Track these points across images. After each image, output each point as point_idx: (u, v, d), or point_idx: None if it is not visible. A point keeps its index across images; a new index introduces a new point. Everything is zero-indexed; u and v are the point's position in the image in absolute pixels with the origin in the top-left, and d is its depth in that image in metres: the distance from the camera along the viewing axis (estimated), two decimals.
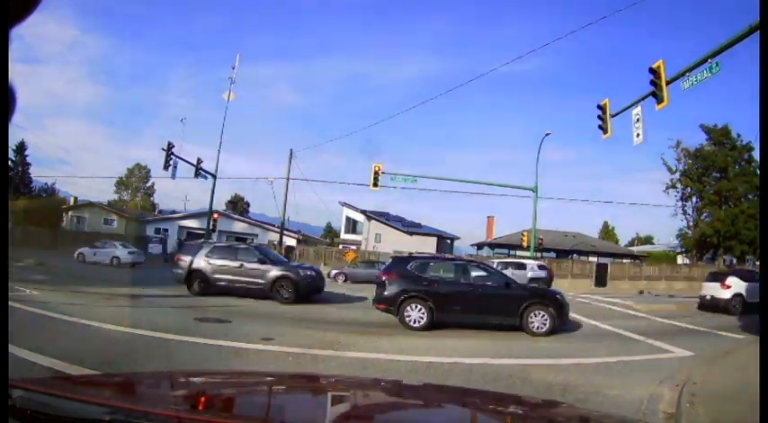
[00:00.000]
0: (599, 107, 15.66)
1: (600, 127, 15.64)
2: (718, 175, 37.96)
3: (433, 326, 9.27)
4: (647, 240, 62.91)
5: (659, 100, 13.09)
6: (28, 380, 1.57)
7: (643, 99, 13.99)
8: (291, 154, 31.48)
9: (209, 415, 1.46)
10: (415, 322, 9.14)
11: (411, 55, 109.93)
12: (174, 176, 28.26)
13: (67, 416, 1.25)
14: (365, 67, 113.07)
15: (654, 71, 13.21)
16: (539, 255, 31.87)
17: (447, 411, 2.09)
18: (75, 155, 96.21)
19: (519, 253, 36.14)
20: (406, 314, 9.18)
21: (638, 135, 14.19)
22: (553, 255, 37.42)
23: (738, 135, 37.42)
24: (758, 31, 10.31)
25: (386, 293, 9.45)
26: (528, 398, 3.43)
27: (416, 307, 9.20)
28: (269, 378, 2.59)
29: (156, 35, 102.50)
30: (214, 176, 30.95)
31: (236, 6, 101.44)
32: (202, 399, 1.74)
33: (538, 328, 9.12)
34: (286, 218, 34.56)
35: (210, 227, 31.77)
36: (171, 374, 2.59)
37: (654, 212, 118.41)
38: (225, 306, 11.45)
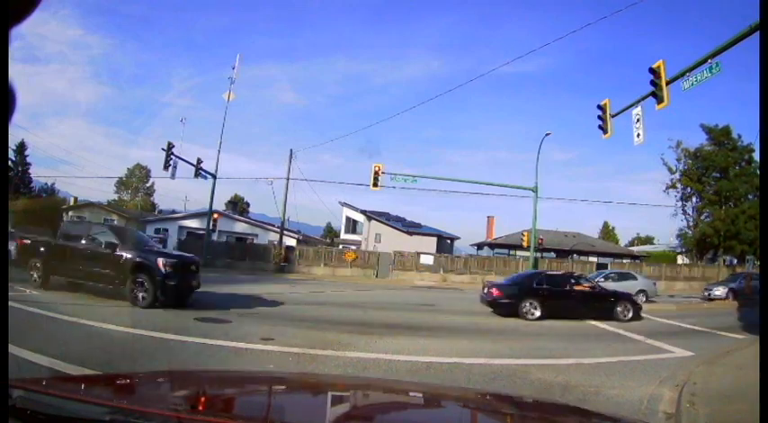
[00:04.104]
0: (599, 107, 15.63)
1: (600, 127, 15.60)
2: (719, 175, 37.90)
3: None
4: (648, 240, 62.83)
5: (659, 100, 13.07)
6: (28, 380, 1.56)
7: (643, 99, 13.96)
8: (291, 154, 31.51)
9: (209, 415, 1.46)
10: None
11: (415, 56, 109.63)
12: (173, 176, 28.31)
13: (67, 416, 1.24)
14: (368, 68, 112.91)
15: (654, 71, 13.19)
16: (539, 255, 31.84)
17: (447, 411, 2.09)
18: (75, 155, 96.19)
19: (519, 253, 36.09)
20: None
21: (638, 135, 14.17)
22: (553, 255, 37.35)
23: (739, 135, 37.39)
24: (758, 31, 10.34)
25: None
26: (527, 398, 3.44)
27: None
28: (269, 378, 2.59)
29: (158, 35, 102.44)
30: (214, 176, 30.96)
31: (239, 6, 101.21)
32: (202, 399, 1.75)
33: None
34: (286, 218, 34.54)
35: (211, 227, 31.78)
36: (171, 374, 2.61)
37: (654, 213, 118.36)
38: (225, 306, 11.45)
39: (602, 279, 19.87)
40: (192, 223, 39.73)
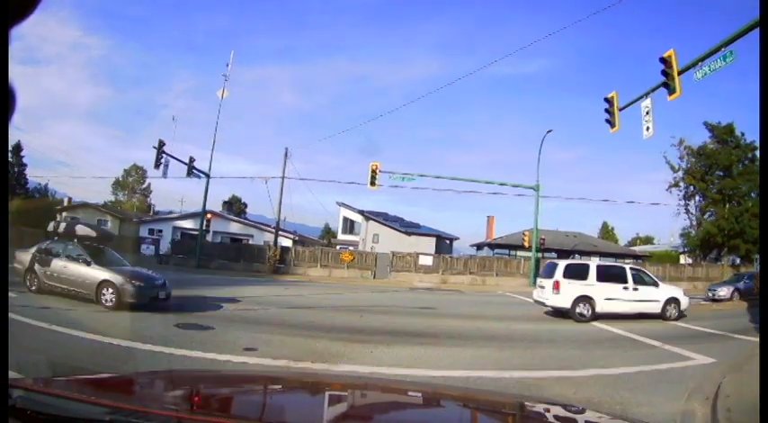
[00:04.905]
0: (606, 100, 15.00)
1: (607, 121, 14.98)
2: (722, 173, 37.30)
3: None
4: (648, 240, 62.32)
5: (671, 91, 12.42)
6: (28, 380, 1.53)
7: (653, 90, 13.32)
8: (287, 152, 30.75)
9: (209, 415, 1.44)
10: None
11: (416, 57, 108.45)
12: (165, 175, 27.63)
13: (67, 416, 1.24)
14: (369, 69, 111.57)
15: (665, 61, 12.54)
16: (540, 255, 31.16)
17: (447, 411, 2.07)
18: (74, 156, 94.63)
19: (519, 253, 35.41)
20: None
21: (647, 128, 13.52)
22: (554, 255, 36.66)
23: (742, 133, 36.82)
24: (758, 29, 9.79)
25: None
26: (528, 398, 3.32)
27: None
28: (269, 378, 2.54)
29: (157, 37, 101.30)
30: (207, 176, 30.24)
31: (239, 7, 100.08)
32: (202, 399, 1.73)
33: None
34: (282, 218, 33.79)
35: (204, 227, 31.05)
36: (171, 374, 2.64)
37: (653, 213, 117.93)
38: (212, 311, 10.74)
39: None
40: (187, 224, 39.08)
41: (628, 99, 14.48)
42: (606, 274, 12.99)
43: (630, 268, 14.17)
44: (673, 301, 13.33)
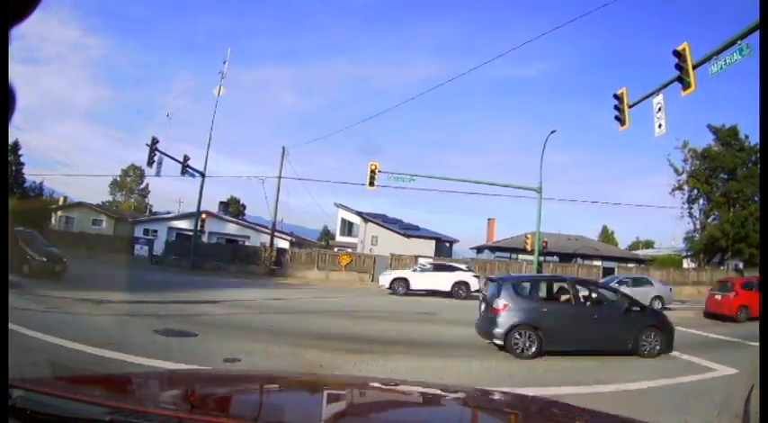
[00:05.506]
0: (615, 97, 14.42)
1: (616, 118, 14.38)
2: (726, 176, 36.79)
3: None
4: (648, 245, 61.85)
5: (685, 85, 11.84)
6: (28, 380, 1.51)
7: (665, 86, 12.78)
8: (284, 151, 30.09)
9: (209, 415, 1.42)
10: None
11: (418, 60, 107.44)
12: (159, 174, 26.96)
13: (67, 416, 1.24)
14: (368, 71, 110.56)
15: (679, 54, 11.96)
16: (543, 258, 30.52)
17: (448, 411, 2.05)
18: (74, 156, 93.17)
19: (521, 257, 34.75)
20: None
21: (659, 126, 12.94)
22: (556, 258, 36.04)
23: (746, 136, 36.35)
24: (758, 31, 9.35)
25: None
26: (529, 397, 3.30)
27: None
28: (270, 378, 2.55)
29: (157, 37, 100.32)
30: (202, 175, 29.61)
31: (239, 9, 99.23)
32: (202, 399, 1.71)
33: None
34: (279, 220, 33.15)
35: (199, 228, 30.38)
36: (171, 374, 2.63)
37: (652, 216, 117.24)
38: (197, 315, 10.10)
39: (617, 284, 18.50)
40: (182, 224, 38.34)
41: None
42: None
43: None
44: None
